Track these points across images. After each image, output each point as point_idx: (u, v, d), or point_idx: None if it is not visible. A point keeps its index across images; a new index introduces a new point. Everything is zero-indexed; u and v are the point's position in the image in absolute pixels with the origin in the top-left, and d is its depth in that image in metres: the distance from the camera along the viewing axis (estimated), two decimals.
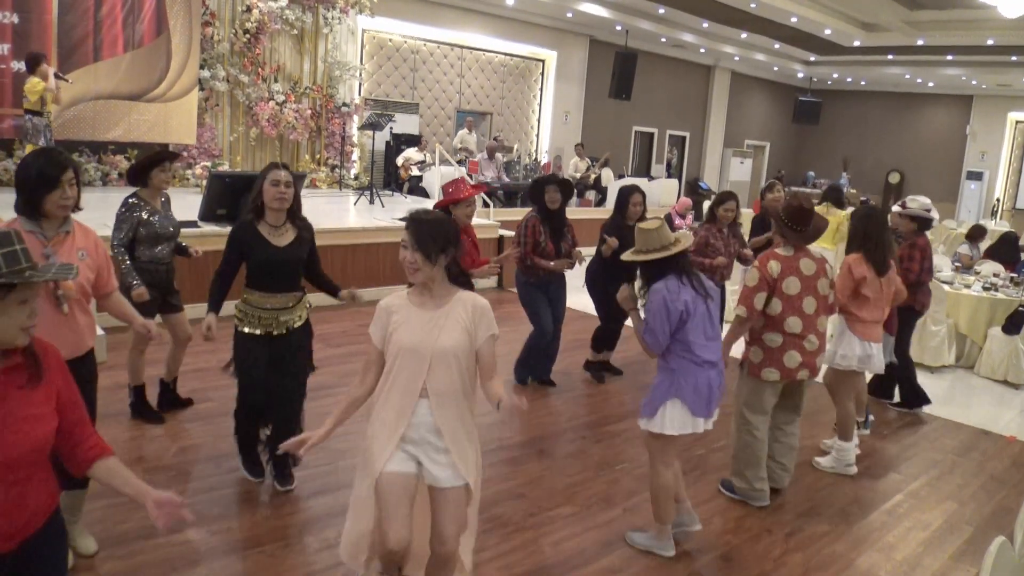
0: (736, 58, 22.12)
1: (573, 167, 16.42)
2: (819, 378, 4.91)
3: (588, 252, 6.44)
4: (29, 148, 8.98)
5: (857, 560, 4.07)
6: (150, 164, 4.79)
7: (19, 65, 10.33)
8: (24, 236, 2.98)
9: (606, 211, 13.67)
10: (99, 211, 8.74)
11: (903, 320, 6.22)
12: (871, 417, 6.05)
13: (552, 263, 6.02)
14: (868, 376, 6.08)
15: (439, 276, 2.89)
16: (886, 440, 5.85)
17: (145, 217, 4.75)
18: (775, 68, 23.68)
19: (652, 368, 6.91)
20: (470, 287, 3.02)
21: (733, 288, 7.44)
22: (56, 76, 9.15)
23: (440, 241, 2.83)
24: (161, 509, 2.16)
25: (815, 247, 4.87)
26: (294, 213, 4.10)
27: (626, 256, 3.99)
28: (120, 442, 4.74)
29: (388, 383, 2.91)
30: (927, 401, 6.57)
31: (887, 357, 5.79)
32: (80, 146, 11.42)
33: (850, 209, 7.40)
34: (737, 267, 6.83)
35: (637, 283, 4.01)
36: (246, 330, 4.09)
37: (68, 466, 2.23)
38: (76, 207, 3.27)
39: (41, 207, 3.13)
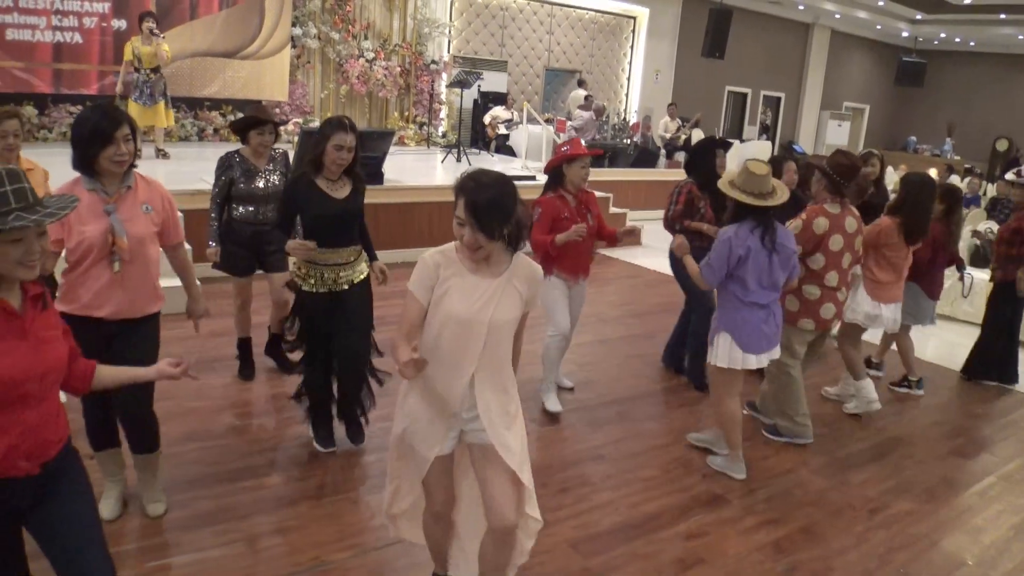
0: (836, 15, 21.27)
1: (663, 127, 16.13)
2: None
3: None
4: (129, 103, 9.37)
5: (942, 542, 3.96)
6: (248, 125, 4.76)
7: (119, 24, 10.67)
8: (87, 195, 3.08)
9: None
10: (196, 163, 9.06)
11: (1011, 293, 6.06)
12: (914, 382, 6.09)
13: (705, 226, 5.33)
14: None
15: (499, 246, 2.58)
16: (980, 419, 5.64)
17: (237, 175, 4.76)
18: (878, 27, 22.69)
19: None
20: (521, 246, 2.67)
21: None
22: (152, 34, 9.41)
23: (502, 214, 2.48)
24: (171, 369, 2.43)
25: None
26: (349, 168, 4.03)
27: (723, 184, 4.18)
28: (213, 388, 4.94)
29: (431, 355, 2.59)
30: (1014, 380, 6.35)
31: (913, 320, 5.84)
32: (177, 102, 11.75)
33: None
34: None
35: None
36: (307, 288, 4.06)
37: (72, 385, 2.35)
38: (134, 163, 3.22)
39: (95, 163, 3.07)
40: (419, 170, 10.92)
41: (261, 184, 4.81)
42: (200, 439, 4.28)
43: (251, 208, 4.81)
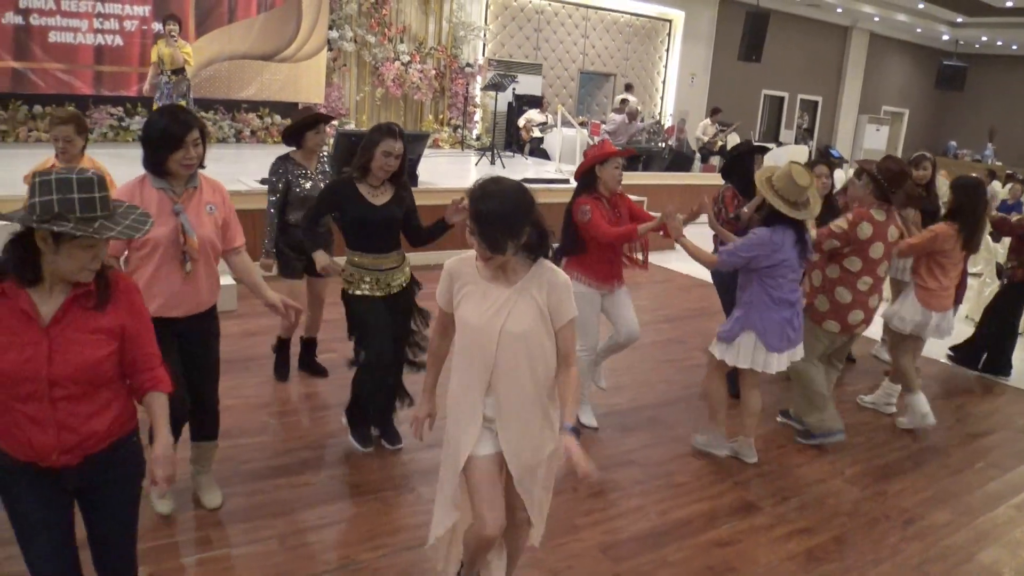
0: (876, 18, 21.02)
1: (701, 130, 16.04)
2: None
3: None
4: (154, 104, 9.56)
5: (979, 555, 3.89)
6: (304, 126, 4.75)
7: (159, 26, 10.88)
8: (155, 194, 3.13)
9: None
10: (234, 166, 9.16)
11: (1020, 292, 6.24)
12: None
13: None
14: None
15: (519, 255, 2.53)
16: (1019, 431, 5.54)
17: (293, 179, 4.73)
18: (918, 29, 22.38)
19: None
20: (547, 254, 2.60)
21: None
22: (171, 36, 9.53)
23: (507, 226, 2.42)
24: (157, 464, 2.23)
25: None
26: (395, 175, 4.04)
27: (760, 183, 4.16)
28: (248, 387, 4.99)
29: (461, 357, 2.65)
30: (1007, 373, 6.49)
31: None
32: (215, 104, 11.94)
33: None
34: None
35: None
36: (358, 292, 4.06)
37: (131, 389, 2.34)
38: (201, 164, 3.27)
39: (164, 165, 3.12)
40: (453, 172, 10.97)
41: (313, 187, 4.76)
42: (234, 437, 4.32)
43: (305, 211, 4.74)
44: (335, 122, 12.38)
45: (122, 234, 2.05)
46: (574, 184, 4.65)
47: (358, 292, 4.07)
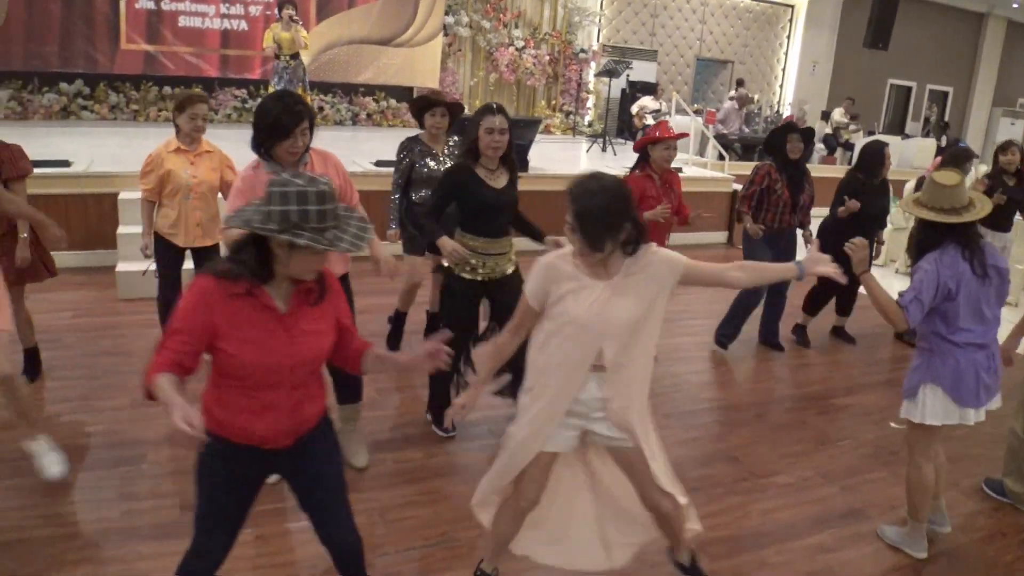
0: (1014, 4, 19.81)
1: (839, 113, 15.50)
2: None
3: (820, 212, 6.05)
4: (271, 88, 9.79)
5: None
6: (421, 108, 4.87)
7: None
8: (267, 179, 3.24)
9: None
10: (350, 148, 9.38)
11: None
12: None
13: (749, 225, 5.78)
14: None
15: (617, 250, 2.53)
16: None
17: (417, 160, 4.86)
18: None
19: (889, 340, 6.50)
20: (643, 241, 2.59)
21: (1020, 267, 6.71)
22: (292, 20, 9.69)
23: (608, 223, 2.44)
24: (428, 358, 2.43)
25: None
26: (506, 156, 4.02)
27: (905, 205, 3.56)
28: None
29: (550, 352, 2.62)
30: None
31: None
32: (333, 87, 12.27)
33: None
34: None
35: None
36: (464, 276, 4.04)
37: (343, 364, 2.54)
38: (307, 149, 3.37)
39: (272, 152, 3.24)
40: (564, 159, 10.95)
41: (439, 167, 4.83)
42: (375, 408, 4.48)
43: (428, 192, 4.81)
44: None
45: (352, 246, 2.18)
46: (685, 171, 4.88)
47: (462, 275, 4.04)
